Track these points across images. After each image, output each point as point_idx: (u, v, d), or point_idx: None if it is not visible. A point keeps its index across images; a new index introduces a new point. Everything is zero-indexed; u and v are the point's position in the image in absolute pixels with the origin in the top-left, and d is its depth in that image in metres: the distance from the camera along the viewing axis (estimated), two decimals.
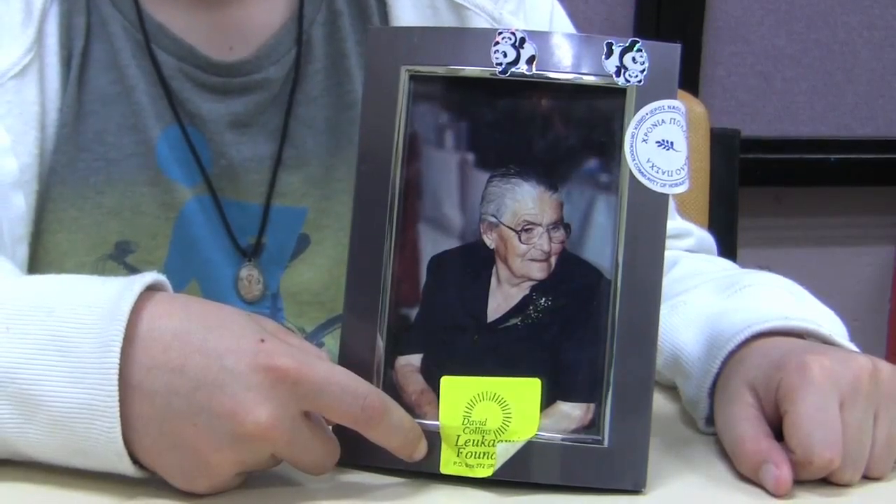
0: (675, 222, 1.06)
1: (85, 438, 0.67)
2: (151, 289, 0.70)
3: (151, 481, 0.69)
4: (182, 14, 0.94)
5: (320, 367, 0.68)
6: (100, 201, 0.91)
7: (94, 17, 0.93)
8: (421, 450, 0.71)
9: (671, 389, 0.89)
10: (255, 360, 0.66)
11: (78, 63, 0.91)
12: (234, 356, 0.67)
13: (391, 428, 0.70)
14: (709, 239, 1.11)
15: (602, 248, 0.74)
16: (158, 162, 0.93)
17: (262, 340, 0.68)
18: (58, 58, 0.91)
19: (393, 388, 0.74)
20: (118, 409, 0.66)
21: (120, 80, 0.92)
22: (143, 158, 0.92)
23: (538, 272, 0.74)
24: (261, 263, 0.96)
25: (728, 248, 1.39)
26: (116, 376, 0.66)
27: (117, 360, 0.66)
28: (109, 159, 0.92)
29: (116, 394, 0.66)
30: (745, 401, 0.76)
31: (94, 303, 0.68)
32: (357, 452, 0.72)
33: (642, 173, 0.73)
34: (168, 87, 0.93)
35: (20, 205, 0.88)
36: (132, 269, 0.92)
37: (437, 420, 0.72)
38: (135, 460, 0.68)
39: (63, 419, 0.67)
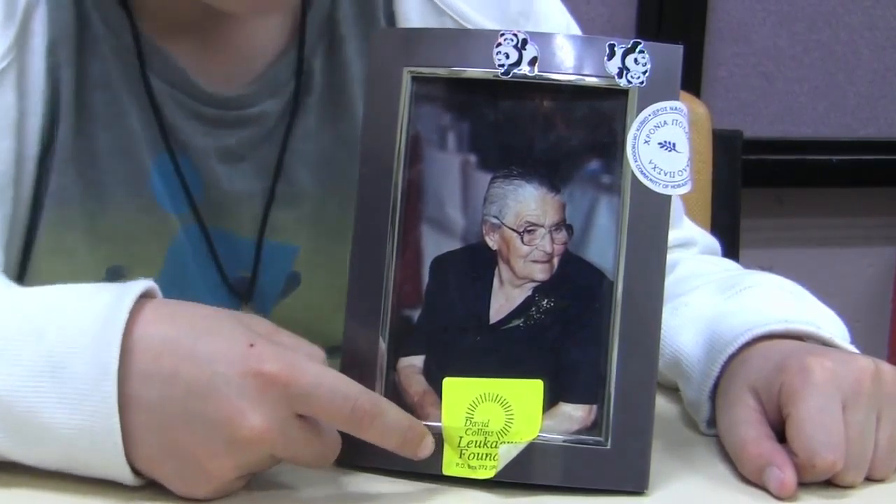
0: (679, 231, 1.04)
1: (85, 453, 0.67)
2: (143, 296, 0.69)
3: (151, 485, 0.69)
4: (179, 38, 0.90)
5: (310, 370, 0.67)
6: (93, 226, 0.88)
7: (85, 34, 0.87)
8: (425, 447, 0.71)
9: (673, 391, 0.89)
10: (246, 365, 0.66)
11: (73, 81, 0.87)
12: (224, 362, 0.66)
13: (385, 429, 0.69)
14: (714, 244, 1.08)
15: (604, 249, 0.74)
16: (152, 189, 0.90)
17: (252, 345, 0.67)
18: (44, 62, 0.86)
19: (395, 390, 0.74)
20: (119, 431, 0.66)
21: (114, 103, 0.88)
22: (136, 184, 0.89)
23: (540, 273, 0.74)
24: (254, 303, 0.93)
25: (730, 249, 1.38)
26: (116, 403, 0.66)
27: (115, 387, 0.66)
28: (103, 183, 0.88)
29: (117, 417, 0.66)
30: (747, 403, 0.76)
31: (85, 322, 0.67)
32: (359, 453, 0.72)
33: (644, 174, 0.73)
34: (160, 113, 0.89)
35: None
36: None
37: (440, 421, 0.72)
38: (134, 468, 0.68)
39: (62, 441, 0.67)
